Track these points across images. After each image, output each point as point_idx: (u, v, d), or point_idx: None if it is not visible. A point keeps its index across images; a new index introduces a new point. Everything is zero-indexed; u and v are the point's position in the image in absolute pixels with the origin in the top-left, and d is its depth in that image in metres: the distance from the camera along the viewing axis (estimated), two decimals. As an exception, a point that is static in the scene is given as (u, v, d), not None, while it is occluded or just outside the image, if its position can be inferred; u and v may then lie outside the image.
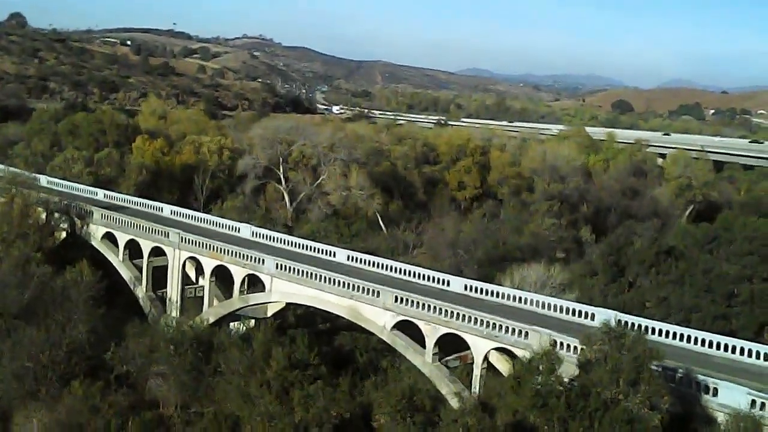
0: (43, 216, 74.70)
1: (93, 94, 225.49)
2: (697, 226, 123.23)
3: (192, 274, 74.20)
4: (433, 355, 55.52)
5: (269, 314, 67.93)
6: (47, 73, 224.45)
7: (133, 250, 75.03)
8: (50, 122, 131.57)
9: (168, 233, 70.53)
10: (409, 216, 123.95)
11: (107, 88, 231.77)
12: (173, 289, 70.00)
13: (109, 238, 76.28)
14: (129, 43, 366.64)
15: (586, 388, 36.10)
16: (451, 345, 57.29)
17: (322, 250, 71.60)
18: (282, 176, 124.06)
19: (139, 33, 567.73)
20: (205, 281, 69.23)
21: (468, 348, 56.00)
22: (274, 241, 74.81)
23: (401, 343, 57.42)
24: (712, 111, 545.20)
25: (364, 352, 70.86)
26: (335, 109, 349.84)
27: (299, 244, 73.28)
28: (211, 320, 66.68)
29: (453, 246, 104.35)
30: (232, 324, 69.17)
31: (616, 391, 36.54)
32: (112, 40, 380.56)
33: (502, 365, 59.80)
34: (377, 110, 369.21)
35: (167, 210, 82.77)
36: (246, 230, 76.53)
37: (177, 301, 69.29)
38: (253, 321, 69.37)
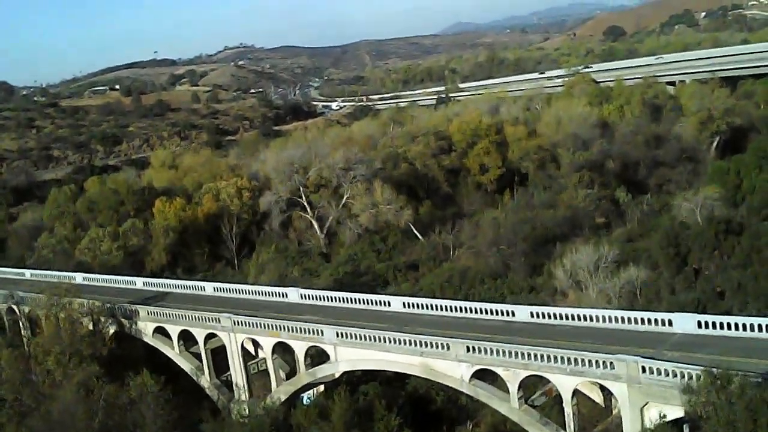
0: (90, 326, 73.61)
1: (97, 152, 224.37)
2: (730, 160, 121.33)
3: (251, 347, 72.84)
4: (518, 399, 53.70)
5: (336, 376, 66.42)
6: (47, 142, 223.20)
7: (186, 337, 73.79)
8: (68, 203, 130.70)
9: (219, 318, 68.95)
10: (441, 215, 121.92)
11: (109, 142, 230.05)
12: (237, 373, 68.51)
13: (160, 330, 75.01)
14: (117, 87, 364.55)
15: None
16: (532, 377, 55.48)
17: (376, 301, 69.52)
18: (306, 203, 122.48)
19: (123, 70, 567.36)
20: (267, 359, 67.65)
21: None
22: (323, 300, 73.02)
23: (484, 394, 55.58)
24: (704, 14, 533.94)
25: (440, 391, 69.39)
26: (335, 105, 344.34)
27: (350, 299, 71.25)
28: (282, 398, 65.40)
29: (494, 242, 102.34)
30: (302, 394, 68.18)
31: (737, 442, 34.94)
32: (101, 88, 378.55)
33: (589, 390, 58.31)
34: (375, 95, 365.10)
35: (209, 288, 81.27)
36: (294, 294, 74.74)
37: (243, 385, 67.89)
38: (322, 386, 68.28)
